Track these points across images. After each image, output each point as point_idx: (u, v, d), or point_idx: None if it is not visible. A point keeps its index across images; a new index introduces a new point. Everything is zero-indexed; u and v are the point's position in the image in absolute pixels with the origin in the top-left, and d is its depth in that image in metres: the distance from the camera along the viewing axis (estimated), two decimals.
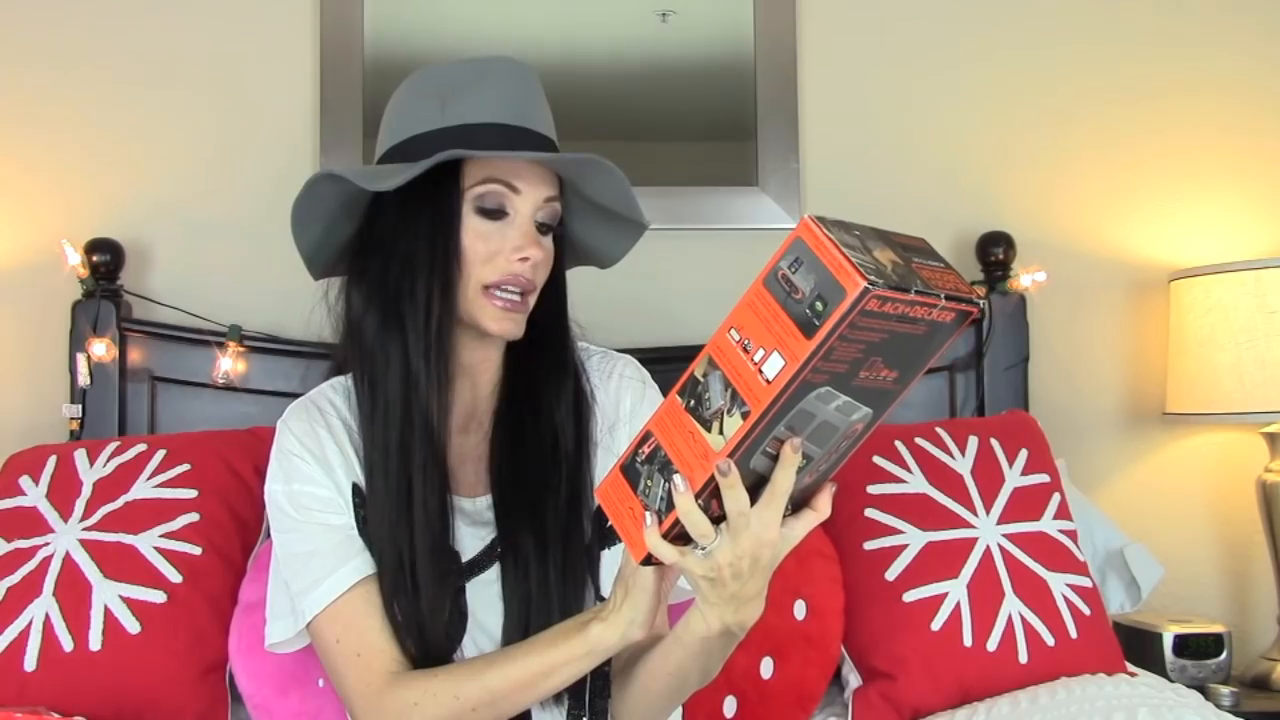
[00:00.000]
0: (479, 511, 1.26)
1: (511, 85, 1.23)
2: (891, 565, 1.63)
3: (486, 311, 1.20)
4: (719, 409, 0.86)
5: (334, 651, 1.19)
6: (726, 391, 0.86)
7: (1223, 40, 2.31)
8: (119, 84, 2.14)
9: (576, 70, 2.17)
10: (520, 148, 1.19)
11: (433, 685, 1.14)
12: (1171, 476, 2.25)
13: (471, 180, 1.19)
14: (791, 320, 0.82)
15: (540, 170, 1.22)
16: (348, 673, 1.18)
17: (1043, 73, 2.28)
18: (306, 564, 1.20)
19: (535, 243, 1.20)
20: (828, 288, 0.80)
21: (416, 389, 1.19)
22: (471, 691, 1.12)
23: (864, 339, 0.82)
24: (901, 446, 1.75)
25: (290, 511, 1.22)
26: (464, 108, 1.20)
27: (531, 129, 1.22)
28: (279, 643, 1.27)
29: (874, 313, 0.80)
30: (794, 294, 0.82)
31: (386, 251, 1.21)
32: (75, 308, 2.00)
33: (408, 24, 2.17)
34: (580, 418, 1.27)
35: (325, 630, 1.19)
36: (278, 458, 1.25)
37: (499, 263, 1.19)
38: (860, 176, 2.23)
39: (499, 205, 1.20)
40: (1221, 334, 2.02)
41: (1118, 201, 2.28)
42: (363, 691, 1.17)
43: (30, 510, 1.63)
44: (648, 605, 1.04)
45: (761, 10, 2.22)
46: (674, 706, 1.20)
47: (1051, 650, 1.59)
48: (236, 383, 1.99)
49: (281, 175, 2.15)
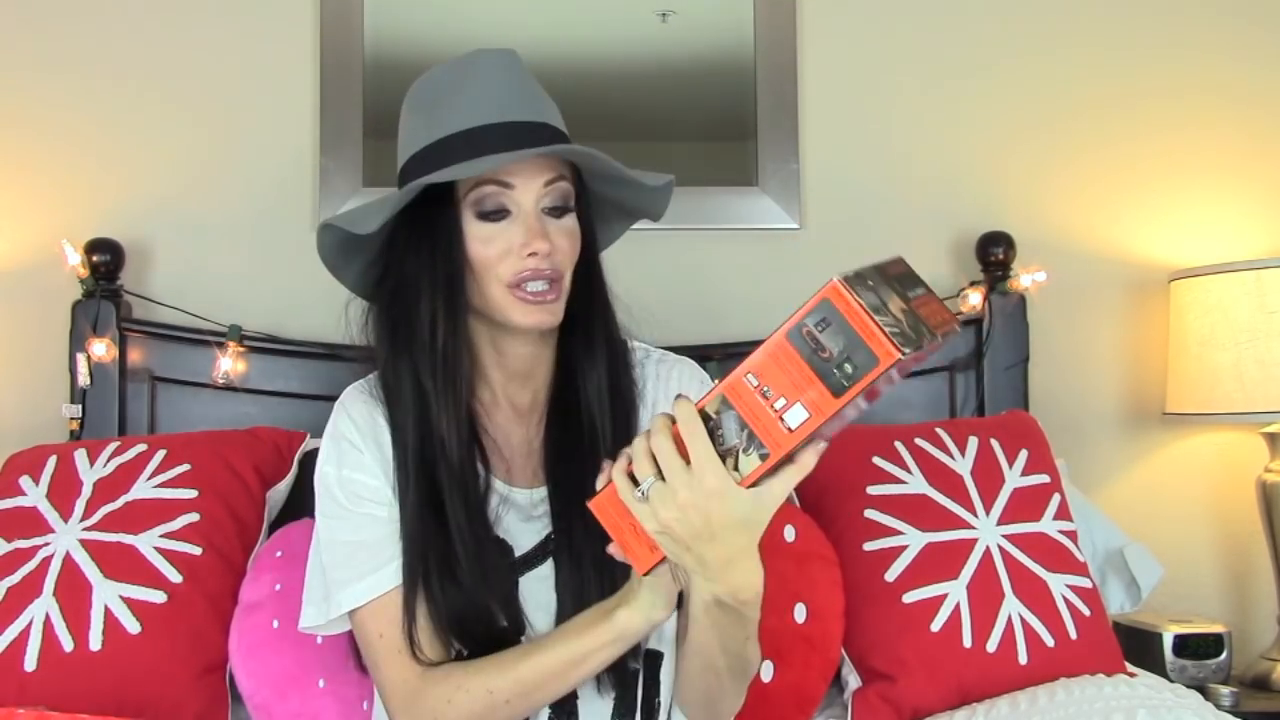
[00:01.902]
0: (534, 504, 1.26)
1: (490, 81, 1.22)
2: (891, 566, 1.63)
3: (516, 308, 1.20)
4: (733, 446, 0.92)
5: (376, 645, 1.20)
6: (743, 432, 0.91)
7: (1223, 41, 2.31)
8: (119, 84, 2.14)
9: (576, 70, 2.17)
10: (499, 143, 1.18)
11: (466, 681, 1.15)
12: (1171, 476, 2.25)
13: (465, 188, 1.20)
14: (817, 376, 0.87)
15: (534, 158, 1.20)
16: (388, 668, 1.19)
17: (1043, 73, 2.28)
18: (352, 555, 1.21)
19: (541, 235, 1.19)
20: (858, 353, 0.86)
21: (429, 409, 1.20)
22: (503, 685, 1.14)
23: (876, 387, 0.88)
24: (901, 447, 1.75)
25: (340, 498, 1.23)
26: (446, 117, 1.21)
27: (513, 120, 1.20)
28: (313, 626, 1.27)
29: (894, 369, 0.86)
30: (820, 352, 0.87)
31: (396, 277, 1.23)
32: (75, 308, 2.00)
33: (408, 24, 2.17)
34: (620, 402, 1.27)
35: (369, 624, 1.20)
36: (333, 440, 1.25)
37: (512, 261, 1.19)
38: (860, 176, 2.23)
39: (498, 205, 1.19)
40: (1221, 334, 2.02)
41: (1117, 201, 2.28)
42: (400, 688, 1.18)
43: (30, 510, 1.63)
44: (665, 586, 1.07)
45: (761, 10, 2.22)
46: (719, 690, 1.20)
47: (1051, 651, 1.59)
48: (236, 383, 2.00)
49: (281, 175, 2.15)
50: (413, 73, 1.30)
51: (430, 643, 1.19)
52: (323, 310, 1.32)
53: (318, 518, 1.26)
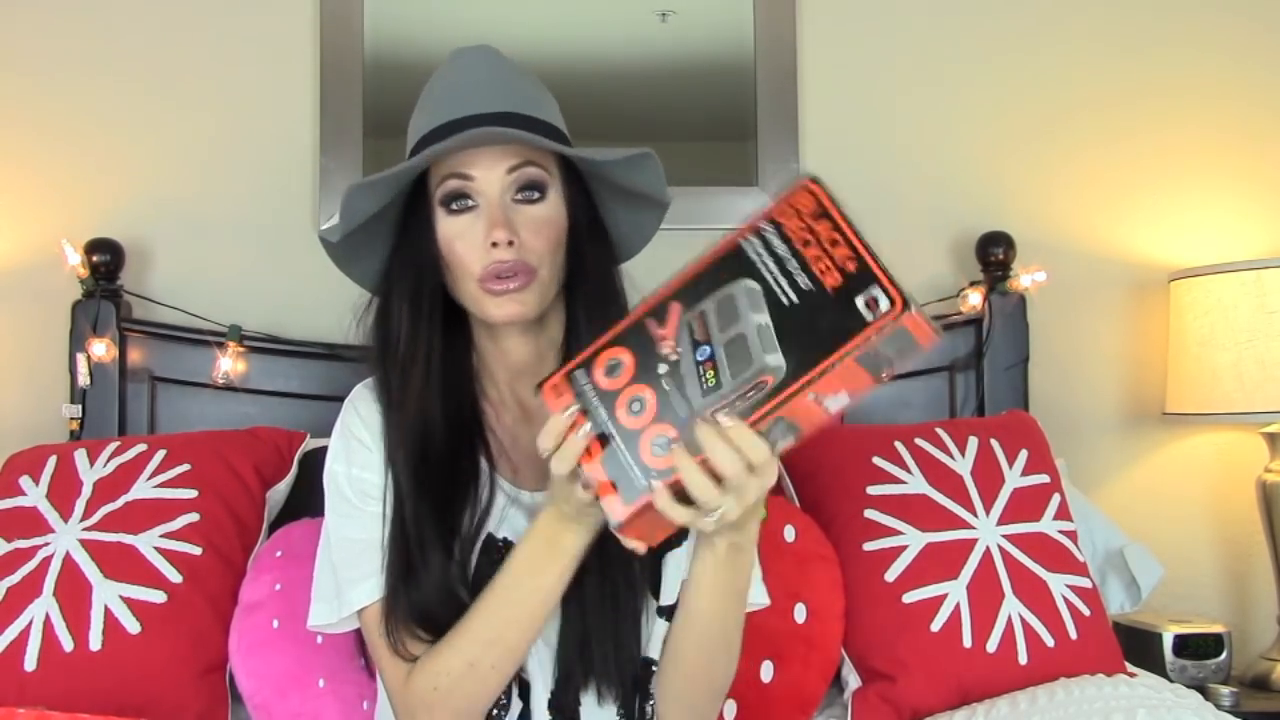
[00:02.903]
0: (539, 506, 1.24)
1: (459, 79, 1.23)
2: (891, 566, 1.63)
3: (487, 302, 1.19)
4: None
5: (382, 645, 1.19)
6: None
7: (1223, 40, 2.31)
8: (119, 84, 2.15)
9: (576, 70, 2.17)
10: (453, 136, 1.17)
11: (443, 663, 1.14)
12: (1171, 476, 2.25)
13: (434, 185, 1.20)
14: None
15: (497, 146, 1.19)
16: (388, 666, 1.19)
17: (1043, 73, 2.28)
18: (361, 553, 1.21)
19: (501, 223, 1.16)
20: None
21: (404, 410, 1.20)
22: (473, 650, 1.13)
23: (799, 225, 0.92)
24: (901, 447, 1.75)
25: (349, 496, 1.22)
26: (421, 120, 1.23)
27: (474, 114, 1.18)
28: (324, 625, 1.26)
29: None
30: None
31: (385, 282, 1.25)
32: (75, 308, 2.00)
33: (408, 24, 2.17)
34: None
35: (376, 624, 1.20)
36: (342, 438, 1.25)
37: (478, 253, 1.18)
38: (860, 176, 2.23)
39: (462, 197, 1.19)
40: (1221, 334, 2.02)
41: (1118, 201, 2.28)
42: (396, 686, 1.19)
43: (30, 510, 1.63)
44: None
45: (761, 10, 2.22)
46: (720, 652, 1.19)
47: (1051, 651, 1.59)
48: (236, 383, 1.99)
49: (281, 175, 2.15)
50: (413, 73, 1.31)
51: (414, 642, 1.18)
52: (323, 310, 1.32)
53: (327, 515, 1.26)
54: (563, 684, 1.20)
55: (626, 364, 0.96)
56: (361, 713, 1.48)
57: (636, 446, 0.94)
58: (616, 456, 0.95)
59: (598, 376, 0.97)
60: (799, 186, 0.93)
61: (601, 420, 0.96)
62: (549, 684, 1.20)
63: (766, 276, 0.93)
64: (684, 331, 0.95)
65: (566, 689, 1.20)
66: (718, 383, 0.93)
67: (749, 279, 0.93)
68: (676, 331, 0.95)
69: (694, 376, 0.94)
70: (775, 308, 0.92)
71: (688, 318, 0.95)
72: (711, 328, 0.94)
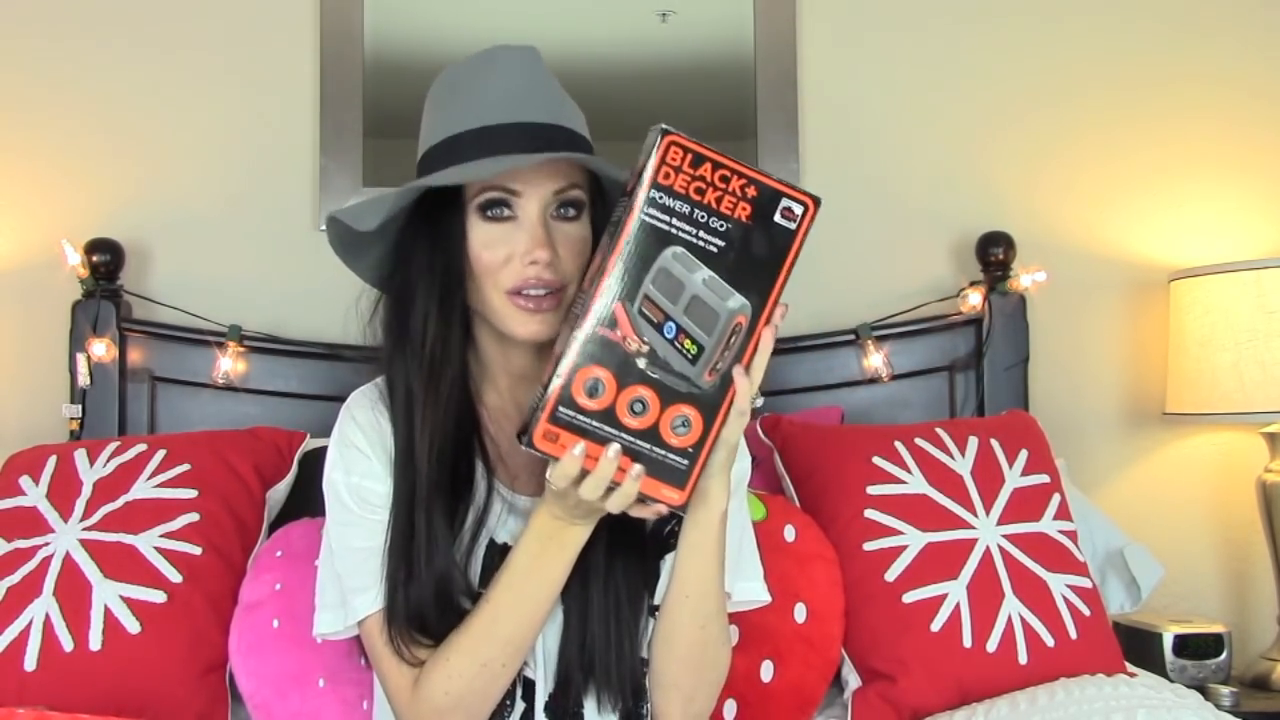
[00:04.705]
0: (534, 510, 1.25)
1: (506, 79, 1.19)
2: (891, 566, 1.63)
3: (513, 316, 1.17)
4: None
5: (384, 654, 1.19)
6: None
7: (1222, 40, 2.31)
8: (119, 84, 2.15)
9: (576, 70, 2.17)
10: (510, 144, 1.15)
11: (453, 666, 1.14)
12: (1171, 476, 2.25)
13: (474, 189, 1.17)
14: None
15: (545, 164, 1.17)
16: (393, 674, 1.19)
17: (1043, 73, 2.28)
18: (365, 561, 1.20)
19: (543, 243, 1.15)
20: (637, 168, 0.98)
21: (415, 412, 1.18)
22: (488, 650, 1.13)
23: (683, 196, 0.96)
24: (901, 447, 1.75)
25: (351, 505, 1.21)
26: (460, 114, 1.18)
27: (525, 121, 1.17)
28: (331, 633, 1.26)
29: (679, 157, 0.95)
30: None
31: (402, 274, 1.21)
32: (75, 308, 2.00)
33: (408, 24, 2.17)
34: None
35: (378, 632, 1.19)
36: (340, 447, 1.23)
37: (514, 267, 1.16)
38: (860, 177, 2.23)
39: (502, 206, 1.17)
40: (1221, 334, 2.02)
41: (1118, 201, 2.28)
42: (401, 695, 1.18)
43: (30, 510, 1.63)
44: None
45: (761, 10, 2.22)
46: (713, 636, 1.19)
47: (1051, 651, 1.59)
48: (236, 383, 2.00)
49: (282, 175, 2.15)
50: (413, 73, 1.30)
51: (418, 646, 1.18)
52: (323, 310, 1.32)
53: (329, 524, 1.25)
54: (561, 689, 1.20)
55: (604, 377, 0.98)
56: (361, 713, 1.48)
57: (660, 438, 0.99)
58: (647, 457, 0.99)
59: (583, 403, 0.99)
60: (663, 145, 0.97)
61: (615, 437, 0.99)
62: (548, 687, 1.20)
63: (684, 236, 0.97)
64: (640, 321, 0.98)
65: (565, 694, 1.20)
66: (699, 347, 0.97)
67: (670, 246, 0.97)
68: (632, 324, 0.97)
69: (674, 353, 0.98)
70: (708, 259, 0.96)
71: (635, 308, 0.97)
72: (663, 305, 0.97)
